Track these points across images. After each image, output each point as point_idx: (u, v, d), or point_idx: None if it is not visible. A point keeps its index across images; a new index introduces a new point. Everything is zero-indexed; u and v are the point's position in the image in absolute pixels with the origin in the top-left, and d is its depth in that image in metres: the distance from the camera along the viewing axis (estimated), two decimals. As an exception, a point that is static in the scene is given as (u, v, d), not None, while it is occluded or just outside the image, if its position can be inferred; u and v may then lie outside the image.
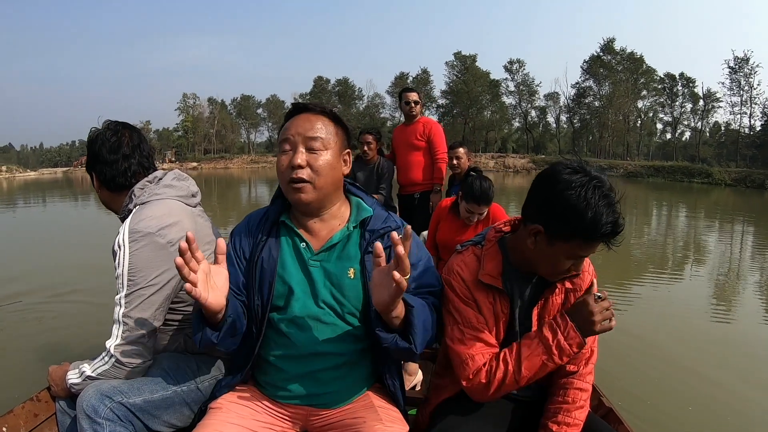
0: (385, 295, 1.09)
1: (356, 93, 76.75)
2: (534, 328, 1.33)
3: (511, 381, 1.25)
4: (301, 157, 1.27)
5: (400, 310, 1.17)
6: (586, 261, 1.30)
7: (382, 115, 74.45)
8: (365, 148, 4.27)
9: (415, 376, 2.44)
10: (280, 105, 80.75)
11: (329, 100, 74.92)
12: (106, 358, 1.34)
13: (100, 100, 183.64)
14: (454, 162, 3.92)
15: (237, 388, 1.39)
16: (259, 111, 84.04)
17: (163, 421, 1.40)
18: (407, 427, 1.32)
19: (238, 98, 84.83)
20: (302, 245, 1.36)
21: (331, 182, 1.33)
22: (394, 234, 1.09)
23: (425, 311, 1.25)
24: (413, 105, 4.26)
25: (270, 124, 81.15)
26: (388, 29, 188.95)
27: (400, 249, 1.03)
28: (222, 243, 1.20)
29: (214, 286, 1.16)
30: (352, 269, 1.34)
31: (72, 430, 1.36)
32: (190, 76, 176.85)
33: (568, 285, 1.35)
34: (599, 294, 1.17)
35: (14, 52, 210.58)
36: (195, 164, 65.83)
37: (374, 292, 1.13)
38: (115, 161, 1.50)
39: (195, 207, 1.61)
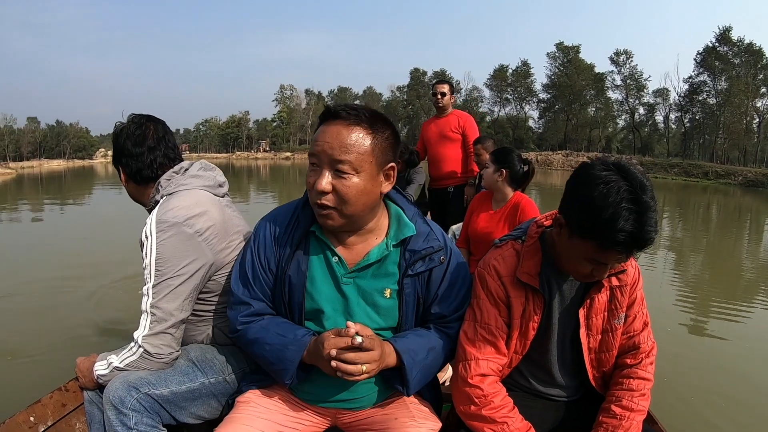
0: None
1: (454, 86, 75.79)
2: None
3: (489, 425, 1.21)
4: (326, 182, 1.13)
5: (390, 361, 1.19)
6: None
7: (481, 110, 72.84)
8: None
9: (446, 372, 2.28)
10: (376, 97, 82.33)
11: (426, 92, 74.78)
12: (134, 349, 1.34)
13: (206, 91, 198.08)
14: (476, 158, 3.82)
15: (265, 383, 1.37)
16: (356, 102, 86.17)
17: (191, 413, 1.38)
18: (440, 424, 1.30)
19: (335, 90, 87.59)
20: (334, 260, 1.26)
21: (362, 208, 1.18)
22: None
23: (425, 360, 1.24)
24: (440, 96, 4.22)
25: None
26: (488, 19, 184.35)
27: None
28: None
29: None
30: (388, 289, 1.26)
31: (100, 421, 1.37)
32: (294, 70, 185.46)
33: (614, 282, 1.27)
34: None
35: (125, 46, 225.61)
36: (288, 154, 68.70)
37: None
38: (141, 154, 1.49)
39: (223, 197, 1.58)
